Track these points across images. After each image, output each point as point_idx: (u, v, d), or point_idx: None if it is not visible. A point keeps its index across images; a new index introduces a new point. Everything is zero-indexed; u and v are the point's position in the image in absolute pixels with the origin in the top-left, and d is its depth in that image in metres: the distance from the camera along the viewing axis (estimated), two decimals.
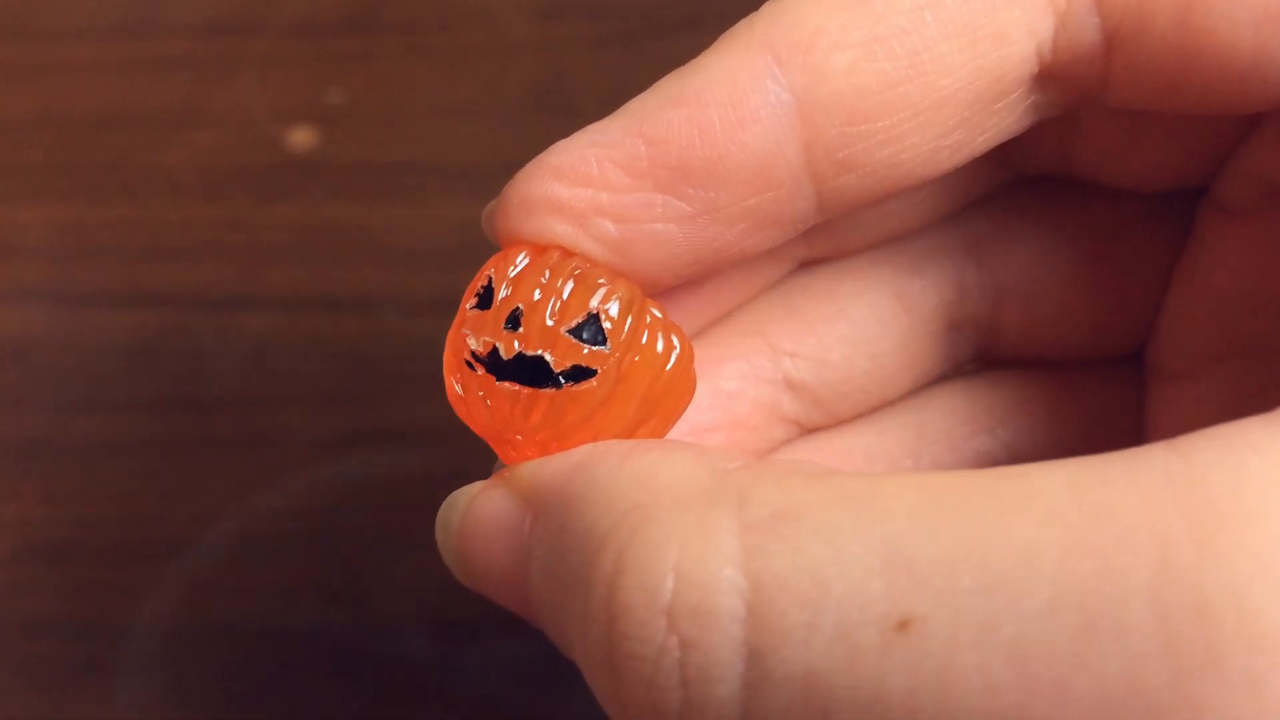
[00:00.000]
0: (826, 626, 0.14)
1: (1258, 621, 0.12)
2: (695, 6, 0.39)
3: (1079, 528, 0.13)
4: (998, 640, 0.13)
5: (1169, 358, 0.23)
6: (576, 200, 0.18)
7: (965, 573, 0.13)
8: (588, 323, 0.18)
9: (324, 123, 0.39)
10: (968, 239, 0.23)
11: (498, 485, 0.19)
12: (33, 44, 0.41)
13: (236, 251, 0.37)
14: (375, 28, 0.41)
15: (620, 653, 0.15)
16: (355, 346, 0.35)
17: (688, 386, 0.20)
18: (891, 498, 0.14)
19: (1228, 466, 0.13)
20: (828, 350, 0.22)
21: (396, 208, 0.38)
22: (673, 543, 0.15)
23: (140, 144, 0.39)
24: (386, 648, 0.31)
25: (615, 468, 0.17)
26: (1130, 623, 0.13)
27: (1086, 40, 0.18)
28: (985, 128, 0.19)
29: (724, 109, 0.18)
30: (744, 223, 0.19)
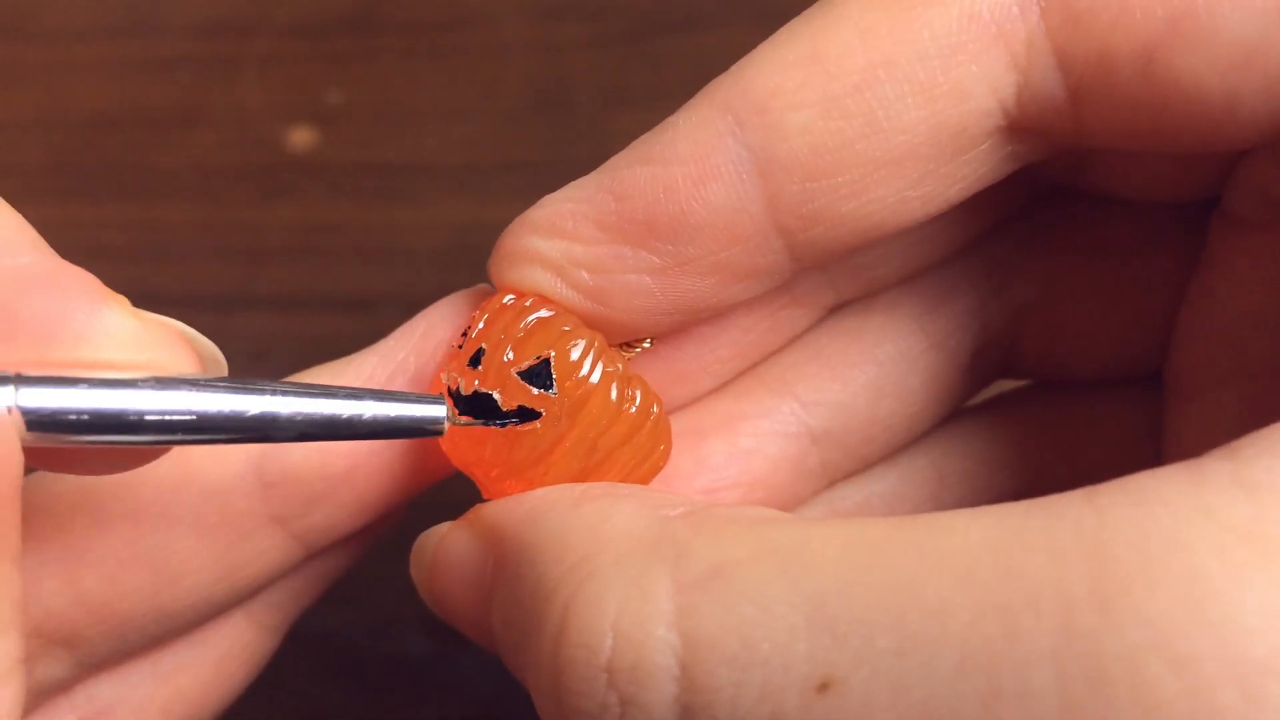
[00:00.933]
0: (753, 687, 0.14)
1: (1153, 692, 0.12)
2: (695, 7, 0.39)
3: (990, 588, 0.13)
4: (911, 702, 0.13)
5: (1185, 376, 0.22)
6: (552, 251, 0.19)
7: (883, 633, 0.14)
8: (538, 367, 0.19)
9: (324, 123, 0.39)
10: (988, 264, 0.23)
11: (462, 527, 0.19)
12: (33, 44, 0.41)
13: (236, 251, 0.37)
14: (375, 28, 0.41)
15: (567, 706, 0.15)
16: (355, 346, 0.35)
17: (654, 441, 0.20)
18: (818, 552, 0.15)
19: (1136, 524, 0.13)
20: (854, 396, 0.22)
21: (396, 208, 0.38)
22: (612, 600, 0.15)
23: (140, 144, 0.39)
24: (386, 648, 0.31)
25: (565, 515, 0.17)
26: (1033, 689, 0.13)
27: (1051, 93, 0.18)
28: (956, 178, 0.19)
29: (686, 166, 0.18)
30: (716, 276, 0.19)
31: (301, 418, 0.17)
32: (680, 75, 0.37)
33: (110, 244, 0.37)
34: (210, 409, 0.16)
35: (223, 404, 0.17)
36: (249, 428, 0.17)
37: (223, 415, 0.17)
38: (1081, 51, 0.17)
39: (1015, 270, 0.23)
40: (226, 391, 0.17)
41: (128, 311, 0.17)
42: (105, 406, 0.16)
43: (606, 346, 0.20)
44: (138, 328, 0.17)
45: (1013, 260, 0.23)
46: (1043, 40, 0.18)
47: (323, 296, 0.36)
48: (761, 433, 0.22)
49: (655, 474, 0.20)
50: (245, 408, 0.17)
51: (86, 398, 0.16)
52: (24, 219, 0.19)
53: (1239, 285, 0.21)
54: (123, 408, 0.16)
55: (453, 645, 0.31)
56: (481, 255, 0.20)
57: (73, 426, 0.16)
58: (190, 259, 0.37)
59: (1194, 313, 0.22)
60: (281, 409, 0.17)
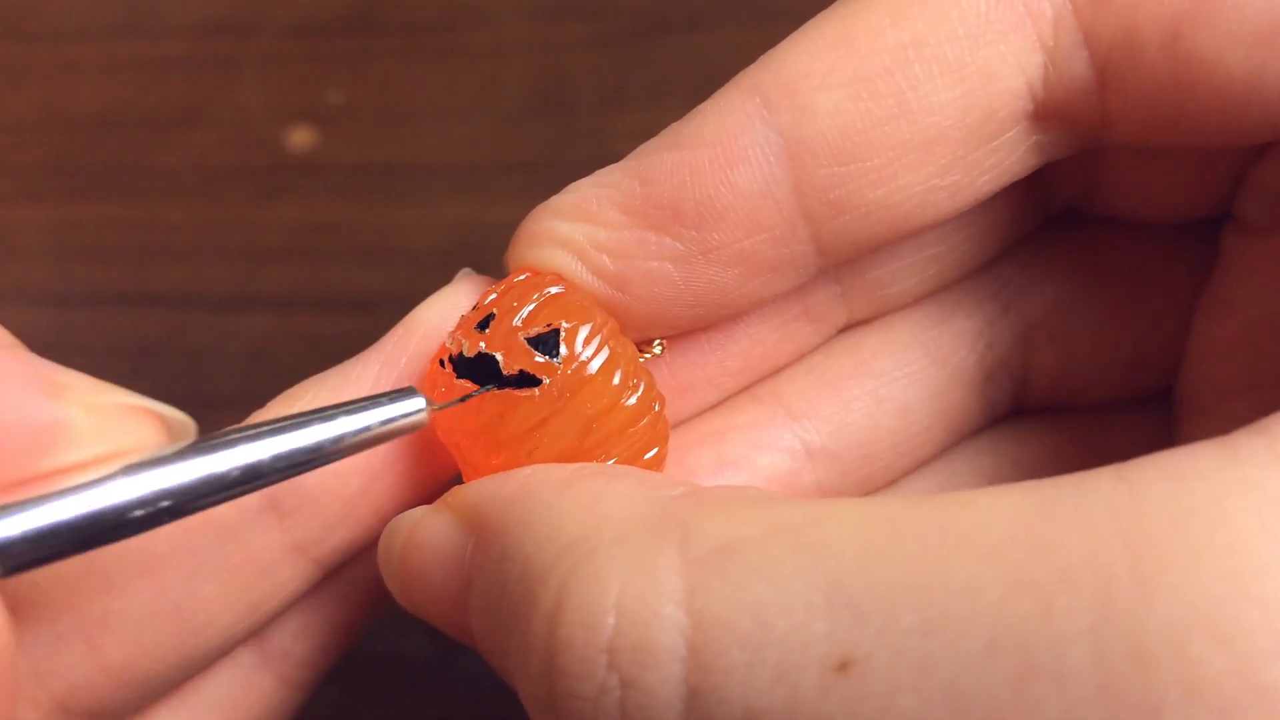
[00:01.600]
0: (767, 667, 0.13)
1: (1198, 671, 0.12)
2: (695, 7, 0.39)
3: (1022, 565, 0.13)
4: (937, 683, 0.13)
5: (1197, 390, 0.22)
6: (575, 234, 0.19)
7: (907, 612, 0.13)
8: (547, 335, 0.19)
9: (324, 123, 0.39)
10: (994, 284, 0.23)
11: (439, 510, 0.19)
12: (33, 44, 0.41)
13: (236, 251, 0.37)
14: (375, 28, 0.41)
15: (560, 690, 0.15)
16: (355, 346, 0.35)
17: (650, 440, 0.20)
18: (833, 529, 0.14)
19: (1174, 499, 0.13)
20: (849, 410, 0.22)
21: (396, 208, 0.38)
22: (615, 578, 0.14)
23: (140, 144, 0.39)
24: (386, 648, 0.31)
25: (555, 495, 0.16)
26: (1069, 668, 0.12)
27: (1078, 74, 0.18)
28: (984, 168, 0.19)
29: (712, 150, 0.18)
30: (740, 266, 0.19)
31: (284, 460, 0.17)
32: (680, 75, 0.37)
33: (110, 244, 0.37)
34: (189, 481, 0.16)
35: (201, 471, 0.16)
36: (234, 484, 0.16)
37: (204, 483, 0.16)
38: (1108, 30, 0.17)
39: (1022, 291, 0.23)
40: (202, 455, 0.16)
41: (81, 403, 0.16)
42: (80, 516, 0.15)
43: (619, 332, 0.19)
44: (94, 420, 0.16)
45: (1019, 281, 0.23)
46: (1070, 19, 0.18)
47: (323, 296, 0.36)
48: (750, 445, 0.22)
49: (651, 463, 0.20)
50: (225, 468, 0.16)
51: (58, 514, 0.14)
52: None
53: (1254, 293, 0.21)
54: (99, 510, 0.15)
55: (453, 645, 0.31)
56: (482, 255, 0.20)
57: (52, 551, 0.14)
58: (190, 259, 0.37)
59: (1207, 325, 0.22)
60: (262, 456, 0.16)
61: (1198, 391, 0.22)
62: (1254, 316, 0.21)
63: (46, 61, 0.41)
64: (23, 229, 0.38)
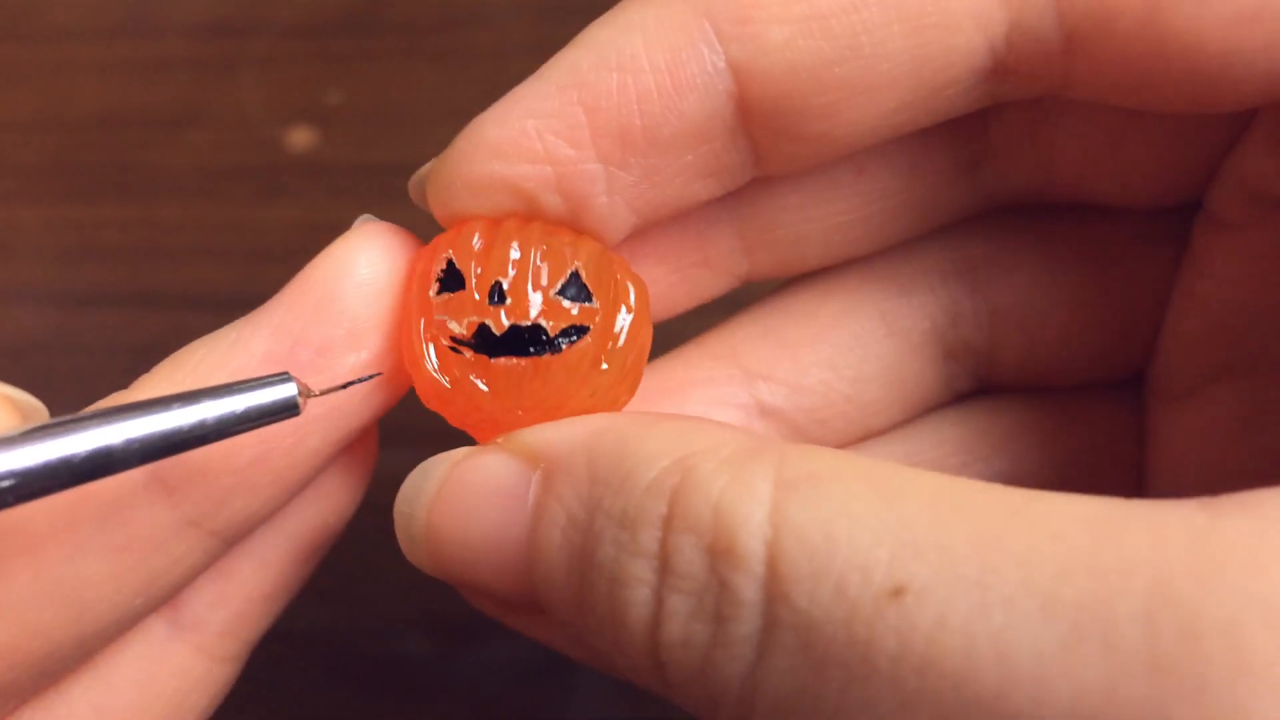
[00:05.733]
0: (830, 580, 0.14)
1: (1249, 652, 0.12)
2: None
3: (1083, 550, 0.13)
4: (987, 628, 0.13)
5: (1170, 378, 0.22)
6: (523, 178, 0.18)
7: (965, 562, 0.14)
8: (570, 282, 0.18)
9: (324, 123, 0.39)
10: (960, 262, 0.22)
11: (488, 450, 0.18)
12: (33, 44, 0.41)
13: (236, 251, 0.37)
14: (375, 28, 0.41)
15: (668, 586, 0.15)
16: None
17: (648, 329, 0.19)
18: (911, 485, 0.15)
19: (1245, 522, 0.13)
20: (804, 374, 0.22)
21: (396, 208, 0.38)
22: (716, 488, 0.15)
23: (140, 144, 0.39)
24: (386, 648, 0.31)
25: (649, 428, 0.17)
26: (1118, 640, 0.13)
27: (1045, 36, 0.18)
28: (931, 111, 0.19)
29: (661, 75, 0.18)
30: (681, 177, 0.19)
31: (139, 444, 0.16)
32: None
33: (110, 244, 0.37)
34: (36, 463, 0.15)
35: (51, 453, 0.15)
36: (83, 470, 0.16)
37: (49, 466, 0.15)
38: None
39: (991, 274, 0.23)
40: (52, 438, 0.15)
41: None
42: None
43: (603, 246, 0.19)
44: None
45: (988, 264, 0.23)
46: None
47: None
48: (707, 401, 0.22)
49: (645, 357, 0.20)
50: (72, 450, 0.15)
51: None
52: None
53: (1225, 285, 0.21)
54: None
55: (453, 645, 0.31)
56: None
57: None
58: (190, 259, 0.37)
59: (1180, 316, 0.22)
60: (114, 440, 0.16)
61: (1169, 378, 0.22)
62: (1225, 307, 0.21)
63: (46, 61, 0.41)
64: (23, 229, 0.38)
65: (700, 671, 0.15)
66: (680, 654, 0.15)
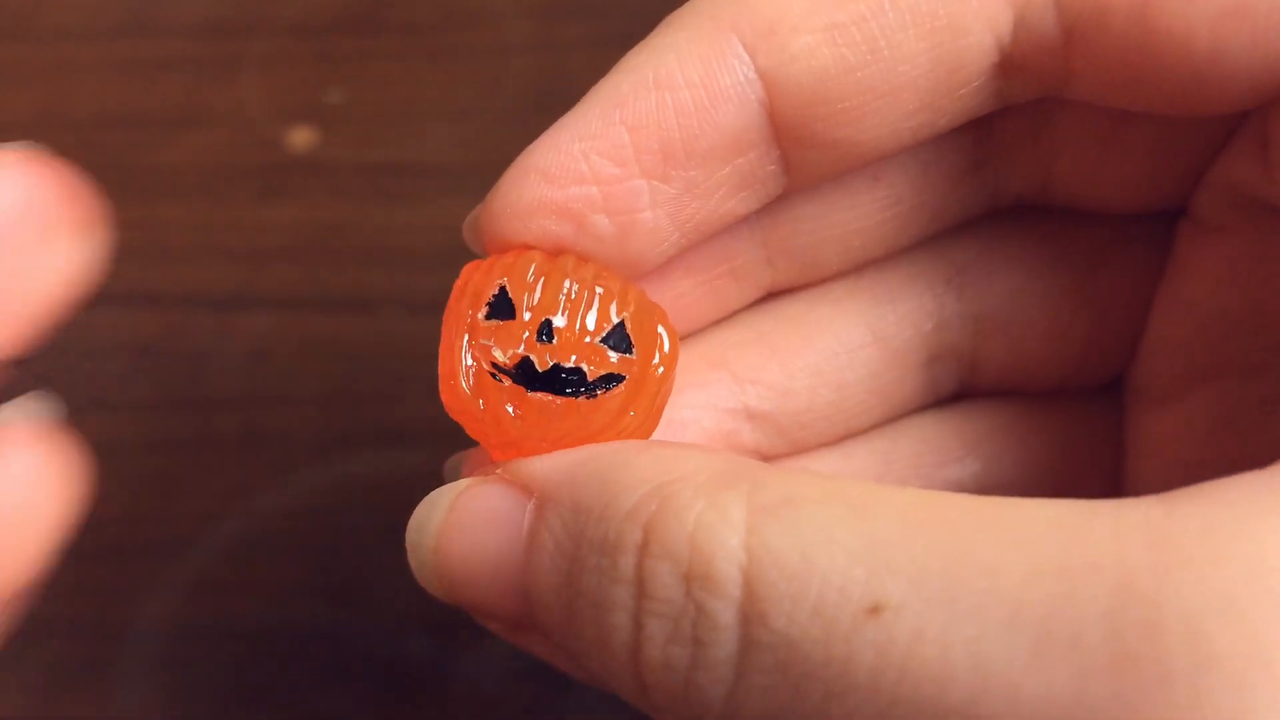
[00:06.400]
0: (808, 601, 0.15)
1: (1209, 644, 0.13)
2: None
3: (1048, 555, 0.14)
4: (960, 638, 0.14)
5: (1151, 381, 0.23)
6: (571, 200, 0.19)
7: (938, 575, 0.14)
8: (616, 331, 0.19)
9: (324, 123, 0.39)
10: (946, 269, 0.23)
11: (489, 480, 0.19)
12: (33, 44, 0.41)
13: (236, 251, 0.37)
14: (375, 28, 0.41)
15: (645, 611, 0.16)
16: (355, 346, 0.35)
17: (673, 377, 0.20)
18: (884, 503, 0.15)
19: (1204, 515, 0.14)
20: (791, 379, 0.23)
21: (396, 208, 0.38)
22: (691, 515, 0.16)
23: (140, 144, 0.39)
24: (386, 648, 0.31)
25: (633, 456, 0.17)
26: (1085, 640, 0.13)
27: (1045, 33, 0.18)
28: (947, 111, 0.19)
29: (696, 90, 0.18)
30: (719, 191, 0.19)
31: None
32: None
33: (110, 244, 0.37)
34: None
35: None
36: None
37: None
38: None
39: (976, 279, 0.23)
40: None
41: None
42: None
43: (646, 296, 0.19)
44: None
45: (973, 269, 0.23)
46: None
47: (323, 296, 0.36)
48: (698, 405, 0.22)
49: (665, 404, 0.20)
50: None
51: None
52: None
53: (1206, 289, 0.21)
54: None
55: (453, 645, 0.31)
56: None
57: None
58: (190, 259, 0.37)
59: (1161, 320, 0.22)
60: None
61: (1149, 383, 0.23)
62: (1208, 313, 0.21)
63: (46, 61, 0.41)
64: None
65: (682, 693, 0.16)
66: (662, 676, 0.16)
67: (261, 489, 0.33)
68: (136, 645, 0.31)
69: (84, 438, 0.35)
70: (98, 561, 0.33)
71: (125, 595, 0.32)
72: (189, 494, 0.33)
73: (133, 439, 0.34)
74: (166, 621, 0.32)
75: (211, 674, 0.31)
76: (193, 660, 0.31)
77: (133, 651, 0.31)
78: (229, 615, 0.32)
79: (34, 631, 0.32)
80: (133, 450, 0.34)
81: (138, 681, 0.31)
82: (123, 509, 0.33)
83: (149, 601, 0.32)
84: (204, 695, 0.31)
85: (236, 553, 0.32)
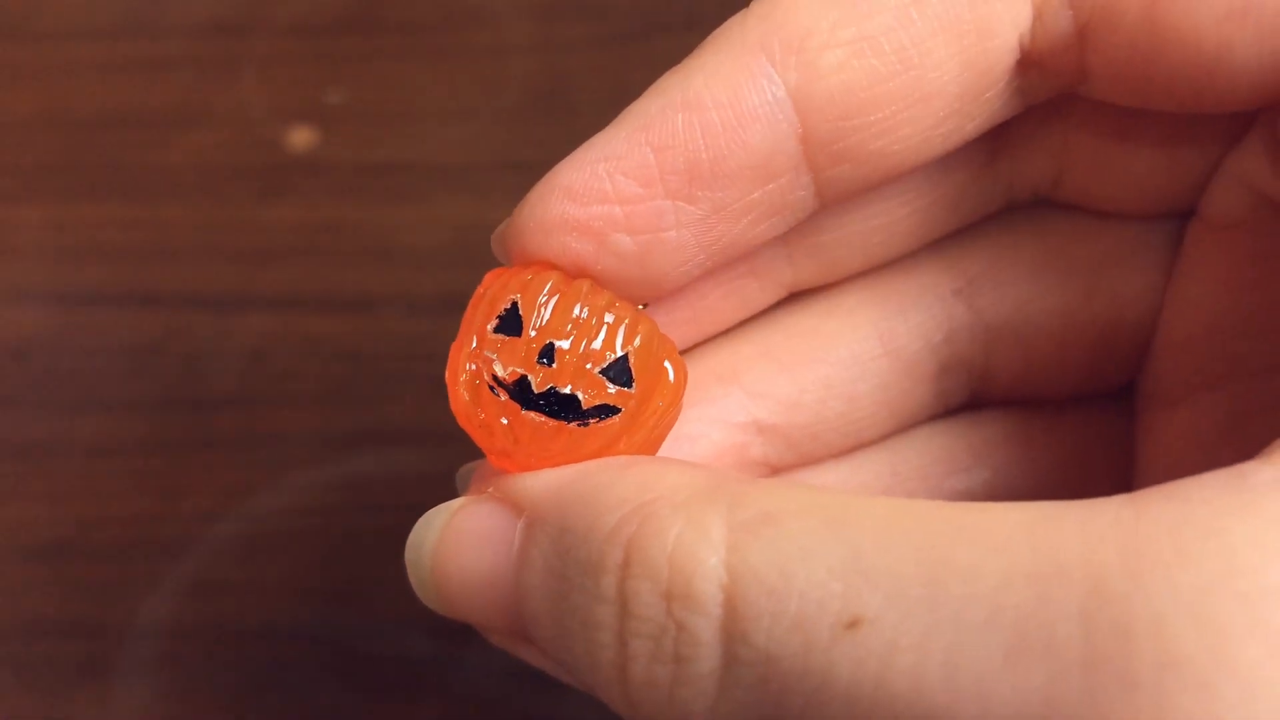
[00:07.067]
0: (787, 617, 0.15)
1: (1174, 646, 0.13)
2: (695, 7, 0.39)
3: (1023, 558, 0.14)
4: (936, 647, 0.14)
5: (1160, 384, 0.23)
6: (593, 218, 0.19)
7: (914, 584, 0.14)
8: (617, 364, 0.19)
9: (324, 123, 0.39)
10: (957, 280, 0.23)
11: (482, 500, 0.19)
12: (33, 44, 0.41)
13: (236, 251, 0.37)
14: (375, 28, 0.41)
15: (628, 630, 0.16)
16: (355, 346, 0.35)
17: (677, 411, 0.20)
18: (861, 514, 0.15)
19: (1173, 515, 0.14)
20: (801, 393, 0.23)
21: (396, 208, 0.38)
22: (671, 534, 0.16)
23: (140, 144, 0.39)
24: (386, 648, 0.31)
25: (616, 476, 0.18)
26: (1057, 643, 0.13)
27: (1061, 30, 0.19)
28: (975, 115, 0.19)
29: (724, 110, 0.18)
30: (748, 216, 0.19)
31: None
32: None
33: (110, 244, 0.37)
34: None
35: None
36: None
37: None
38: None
39: (986, 290, 0.23)
40: None
41: None
42: None
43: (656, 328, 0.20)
44: None
45: (984, 279, 0.23)
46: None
47: (323, 296, 0.36)
48: (707, 419, 0.22)
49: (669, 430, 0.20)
50: None
51: None
52: None
53: (1218, 290, 0.21)
54: None
55: (453, 645, 0.31)
56: (482, 255, 0.20)
57: None
58: (190, 259, 0.37)
59: (1171, 323, 0.22)
60: None
61: (1160, 386, 0.23)
62: (1217, 313, 0.21)
63: (46, 61, 0.41)
64: (23, 229, 0.38)
65: (666, 708, 0.16)
66: (647, 693, 0.16)
67: (261, 489, 0.33)
68: (136, 645, 0.31)
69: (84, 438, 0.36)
70: (98, 561, 0.33)
71: (125, 595, 0.32)
72: (188, 494, 0.33)
73: (132, 439, 0.34)
74: (166, 621, 0.32)
75: (211, 674, 0.31)
76: (193, 660, 0.31)
77: (133, 651, 0.31)
78: (229, 615, 0.32)
79: (34, 631, 0.32)
80: (132, 450, 0.34)
81: (137, 681, 0.31)
82: (122, 509, 0.33)
83: (149, 601, 0.32)
84: (204, 695, 0.31)
85: (236, 553, 0.32)
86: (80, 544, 0.33)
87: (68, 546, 0.33)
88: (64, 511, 0.33)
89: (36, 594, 0.32)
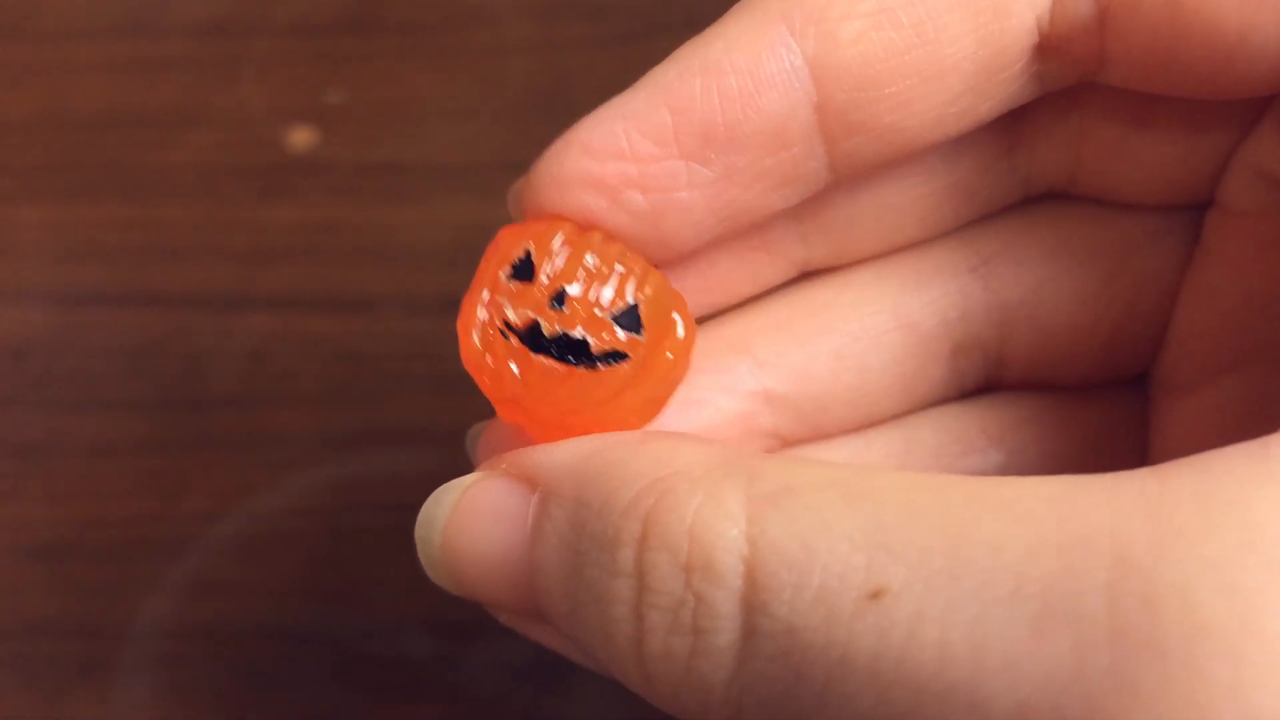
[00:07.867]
0: (810, 589, 0.15)
1: (1201, 614, 0.13)
2: (695, 7, 0.39)
3: (1048, 530, 0.14)
4: (960, 618, 0.14)
5: (1178, 371, 0.23)
6: (608, 174, 0.19)
7: (938, 557, 0.14)
8: (629, 311, 0.19)
9: (324, 123, 0.39)
10: (973, 259, 0.23)
11: (494, 475, 0.19)
12: (33, 44, 0.41)
13: (236, 251, 0.37)
14: (375, 28, 0.41)
15: (645, 603, 0.16)
16: (355, 346, 0.35)
17: (686, 366, 0.20)
18: (882, 487, 0.15)
19: (1199, 485, 0.14)
20: (811, 363, 0.23)
21: (396, 208, 0.38)
22: (690, 507, 0.16)
23: (140, 144, 0.39)
24: (386, 648, 0.31)
25: (632, 451, 0.18)
26: (1084, 613, 0.13)
27: (1081, 14, 0.19)
28: (990, 95, 0.20)
29: (742, 75, 0.19)
30: (761, 183, 0.20)
31: None
32: None
33: (110, 244, 0.37)
34: None
35: None
36: None
37: None
38: None
39: (1003, 271, 0.23)
40: None
41: None
42: None
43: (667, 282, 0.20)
44: None
45: (1000, 260, 0.23)
46: None
47: (323, 296, 0.36)
48: (717, 386, 0.22)
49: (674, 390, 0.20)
50: None
51: None
52: None
53: (1234, 275, 0.21)
54: None
55: (453, 645, 0.31)
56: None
57: None
58: (190, 259, 0.37)
59: (1188, 309, 0.22)
60: None
61: (1174, 372, 0.23)
62: (1234, 299, 0.21)
63: (46, 61, 0.41)
64: (23, 229, 0.38)
65: (684, 681, 0.16)
66: (664, 666, 0.16)
67: (260, 489, 0.33)
68: (136, 645, 0.31)
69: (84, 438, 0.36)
70: (98, 561, 0.33)
71: (125, 595, 0.32)
72: (188, 494, 0.33)
73: (132, 439, 0.34)
74: (166, 621, 0.32)
75: (211, 674, 0.31)
76: (193, 660, 0.31)
77: (133, 651, 0.31)
78: (229, 615, 0.32)
79: (34, 631, 0.32)
80: (132, 450, 0.34)
81: (137, 681, 0.31)
82: (122, 509, 0.33)
83: (149, 601, 0.32)
84: (204, 695, 0.31)
85: (236, 553, 0.32)
86: (80, 544, 0.33)
87: (68, 546, 0.33)
88: (64, 511, 0.33)
89: (36, 594, 0.32)
